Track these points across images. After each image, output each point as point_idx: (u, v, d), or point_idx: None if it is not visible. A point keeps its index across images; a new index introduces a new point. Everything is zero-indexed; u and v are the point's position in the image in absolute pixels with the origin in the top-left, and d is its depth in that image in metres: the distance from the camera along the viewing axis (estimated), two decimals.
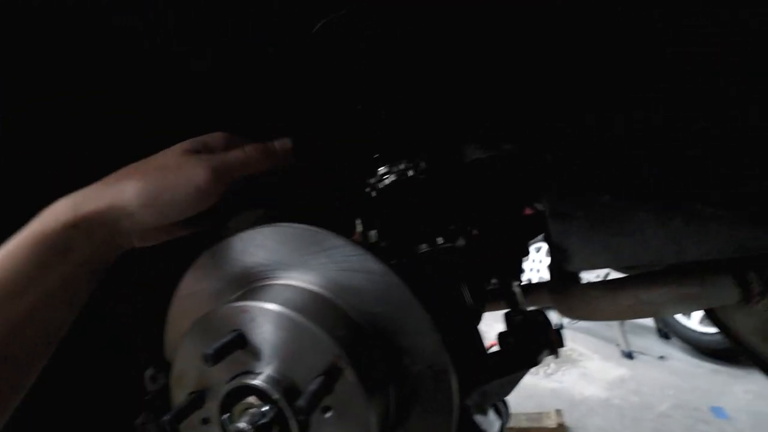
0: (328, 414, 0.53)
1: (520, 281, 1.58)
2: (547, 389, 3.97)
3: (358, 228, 0.83)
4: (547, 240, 0.92)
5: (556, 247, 0.84)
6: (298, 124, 0.90)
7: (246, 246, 0.62)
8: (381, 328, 0.57)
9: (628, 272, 1.29)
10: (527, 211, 1.45)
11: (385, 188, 0.88)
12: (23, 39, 0.71)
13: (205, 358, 0.50)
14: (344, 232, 0.65)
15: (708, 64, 0.63)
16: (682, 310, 0.88)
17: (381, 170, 0.88)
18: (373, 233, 0.80)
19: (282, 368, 0.54)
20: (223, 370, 0.57)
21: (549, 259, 1.10)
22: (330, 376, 0.52)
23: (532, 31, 0.68)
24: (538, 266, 4.97)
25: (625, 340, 4.24)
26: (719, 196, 0.67)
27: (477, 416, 0.72)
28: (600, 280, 1.03)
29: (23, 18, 0.69)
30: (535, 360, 0.76)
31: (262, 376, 0.55)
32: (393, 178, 0.87)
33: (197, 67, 0.84)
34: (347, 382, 0.52)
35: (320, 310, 0.56)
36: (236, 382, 0.55)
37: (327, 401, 0.53)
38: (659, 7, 0.58)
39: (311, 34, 0.85)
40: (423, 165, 0.91)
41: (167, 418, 0.56)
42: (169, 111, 0.89)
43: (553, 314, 1.02)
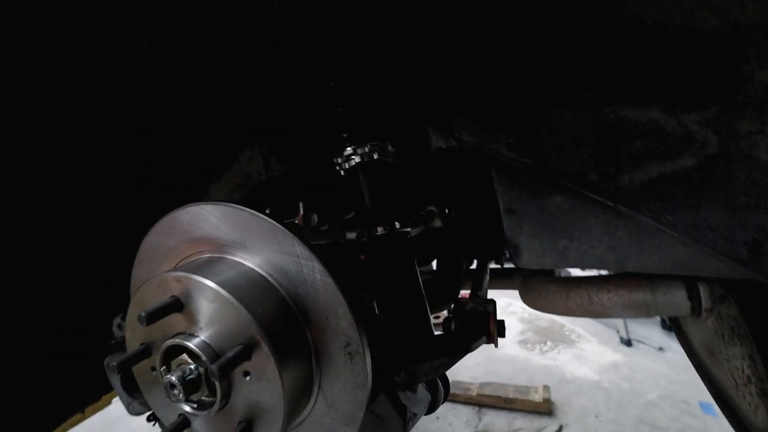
0: (248, 378, 0.60)
1: (501, 264, 1.61)
2: (539, 365, 4.06)
3: (302, 211, 0.87)
4: (505, 233, 0.93)
5: (509, 242, 0.86)
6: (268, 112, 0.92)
7: (192, 218, 0.67)
8: (304, 307, 0.62)
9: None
10: None
11: (351, 168, 0.90)
12: (23, 39, 0.72)
13: (139, 319, 0.57)
14: (288, 214, 0.69)
15: None
16: (631, 315, 0.89)
17: (348, 150, 0.90)
18: (314, 216, 0.84)
19: (213, 335, 0.61)
20: (165, 327, 0.64)
21: None
22: (248, 347, 0.58)
23: (490, 26, 0.66)
24: None
25: (626, 327, 4.23)
26: (672, 217, 0.66)
27: (405, 392, 0.78)
28: (564, 276, 1.04)
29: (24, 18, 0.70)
30: (469, 347, 0.80)
31: (195, 340, 0.61)
32: (358, 159, 0.89)
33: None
34: (263, 352, 0.58)
35: (248, 287, 0.61)
36: (173, 341, 0.62)
37: (247, 367, 0.59)
38: None
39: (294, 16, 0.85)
40: (390, 149, 0.92)
41: (117, 363, 0.64)
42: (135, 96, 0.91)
43: None
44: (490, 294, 1.19)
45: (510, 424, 3.28)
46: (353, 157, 0.91)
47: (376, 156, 0.90)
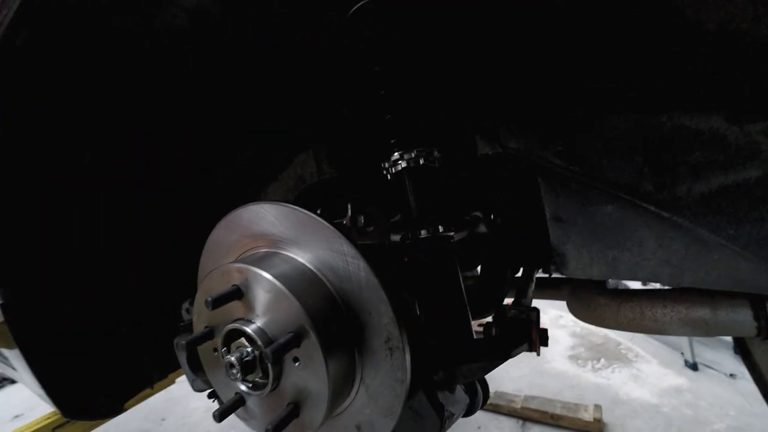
0: (297, 363, 0.65)
1: (548, 274, 1.57)
2: (590, 383, 3.84)
3: (350, 212, 0.91)
4: (551, 242, 0.92)
5: (555, 251, 0.85)
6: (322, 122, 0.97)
7: (252, 216, 0.74)
8: (349, 303, 0.67)
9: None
10: None
11: (398, 173, 0.94)
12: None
13: (205, 304, 0.65)
14: (338, 215, 0.73)
15: None
16: (687, 333, 0.83)
17: (395, 156, 0.93)
18: (361, 218, 0.88)
19: (267, 322, 0.67)
20: (227, 313, 0.71)
21: None
22: (297, 335, 0.63)
23: (539, 33, 0.66)
24: None
25: (692, 349, 3.87)
26: (734, 231, 0.63)
27: (443, 392, 0.79)
28: (614, 288, 1.00)
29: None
30: (509, 353, 0.80)
31: (252, 325, 0.68)
32: (404, 164, 0.92)
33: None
34: (311, 341, 0.63)
35: (300, 280, 0.67)
36: (233, 325, 0.70)
37: (296, 353, 0.65)
38: None
39: (344, 20, 0.91)
40: (437, 154, 0.94)
41: (185, 342, 0.72)
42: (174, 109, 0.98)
43: None
44: (537, 304, 1.17)
45: None
46: (400, 162, 0.94)
47: (422, 161, 0.93)
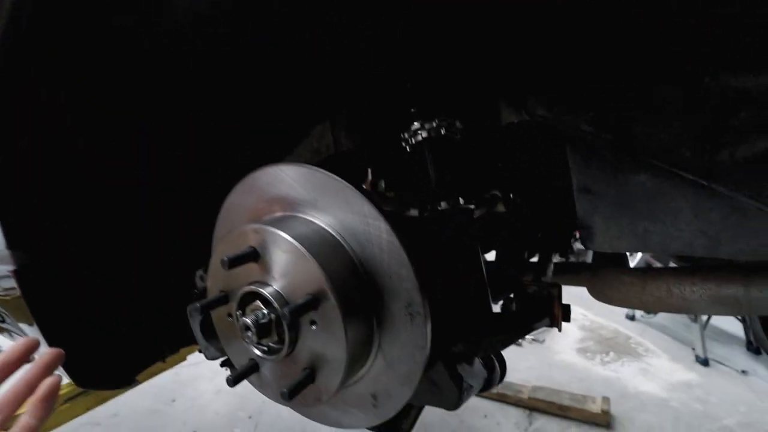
0: (314, 327, 0.63)
1: (566, 258, 1.53)
2: (599, 376, 3.81)
3: (370, 176, 0.88)
4: (577, 214, 0.88)
5: (581, 223, 0.81)
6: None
7: (270, 179, 0.72)
8: (369, 266, 0.64)
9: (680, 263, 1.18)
10: None
11: (418, 143, 0.91)
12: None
13: (222, 263, 0.63)
14: (356, 180, 0.71)
15: None
16: (718, 312, 0.80)
17: (415, 126, 0.91)
18: (381, 182, 0.85)
19: (284, 284, 0.65)
20: (242, 276, 0.70)
21: None
22: (316, 297, 0.61)
23: None
24: None
25: (703, 344, 3.81)
26: None
27: (461, 364, 0.77)
28: (638, 266, 0.97)
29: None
30: (530, 327, 0.78)
31: (269, 288, 0.66)
32: (425, 134, 0.89)
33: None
34: (330, 304, 0.61)
35: (319, 242, 0.64)
36: (249, 288, 0.68)
37: (314, 316, 0.63)
38: None
39: None
40: (458, 125, 0.91)
41: (199, 305, 0.71)
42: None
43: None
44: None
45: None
46: (420, 132, 0.91)
47: (443, 131, 0.90)
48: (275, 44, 0.92)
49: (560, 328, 0.84)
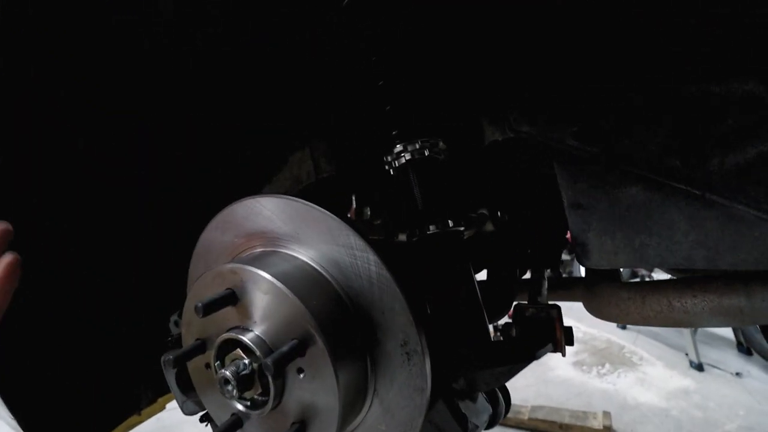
0: (302, 375, 0.57)
1: (558, 274, 1.51)
2: (597, 389, 3.76)
3: (354, 204, 0.84)
4: (570, 231, 0.86)
5: (574, 240, 0.79)
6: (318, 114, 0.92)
7: (247, 212, 0.67)
8: (359, 302, 0.59)
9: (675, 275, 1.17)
10: None
11: (401, 166, 0.88)
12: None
13: (195, 309, 0.57)
14: (340, 208, 0.67)
15: None
16: (719, 323, 0.78)
17: (397, 148, 0.88)
18: (367, 210, 0.81)
19: (266, 329, 0.59)
20: (220, 321, 0.63)
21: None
22: (302, 342, 0.55)
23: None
24: None
25: (696, 350, 3.82)
26: None
27: (464, 401, 0.72)
28: (634, 281, 0.95)
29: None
30: (534, 355, 0.73)
31: (250, 334, 0.60)
32: (408, 156, 0.86)
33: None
34: (318, 348, 0.55)
35: (302, 279, 0.59)
36: (227, 335, 0.61)
37: (301, 363, 0.57)
38: None
39: (340, 8, 0.86)
40: (441, 145, 0.89)
41: (173, 357, 0.64)
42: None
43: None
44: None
45: None
46: (403, 154, 0.88)
47: (426, 153, 0.87)
48: (255, 67, 0.89)
49: (564, 353, 0.80)
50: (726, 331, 4.26)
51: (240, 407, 0.62)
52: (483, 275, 1.35)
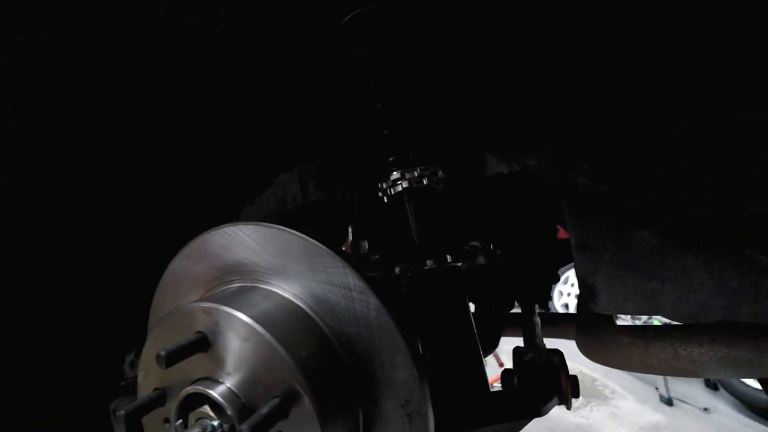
0: None
1: (546, 309, 1.46)
2: (571, 424, 3.71)
3: (351, 236, 0.77)
4: (576, 272, 0.81)
5: (581, 282, 0.74)
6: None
7: (227, 241, 0.58)
8: (354, 352, 0.51)
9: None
10: (562, 234, 1.33)
11: (397, 194, 0.82)
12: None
13: (157, 359, 0.47)
14: (334, 240, 0.59)
15: None
16: (727, 375, 0.74)
17: (394, 175, 0.82)
18: (365, 243, 0.74)
19: (241, 382, 0.50)
20: (186, 370, 0.54)
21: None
22: (286, 400, 0.46)
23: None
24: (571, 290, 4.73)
25: (666, 384, 3.87)
26: None
27: None
28: (633, 324, 0.90)
29: None
30: (539, 410, 0.66)
31: (220, 388, 0.50)
32: (405, 184, 0.80)
33: None
34: (304, 408, 0.46)
35: (288, 323, 0.51)
36: (194, 388, 0.51)
37: (282, 426, 0.48)
38: None
39: (339, 28, 0.81)
40: (441, 174, 0.83)
41: (125, 412, 0.53)
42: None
43: None
44: (516, 341, 1.05)
45: None
46: (400, 182, 0.82)
47: (425, 181, 0.82)
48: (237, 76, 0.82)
49: (570, 407, 0.74)
50: None
51: None
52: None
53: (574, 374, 0.74)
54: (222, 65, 0.78)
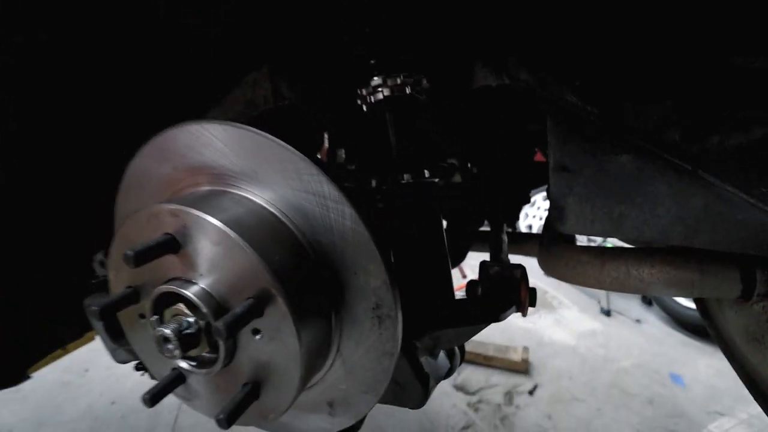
0: (258, 336, 0.50)
1: (513, 228, 1.53)
2: (519, 327, 4.17)
3: (327, 144, 0.74)
4: (547, 193, 0.83)
5: (553, 203, 0.75)
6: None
7: (192, 141, 0.54)
8: (328, 259, 0.52)
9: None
10: (539, 157, 1.33)
11: (377, 102, 0.77)
12: None
13: (125, 259, 0.46)
14: (309, 146, 0.56)
15: None
16: (672, 293, 0.82)
17: (375, 81, 0.76)
18: (341, 152, 0.71)
19: (215, 283, 0.50)
20: (158, 269, 0.53)
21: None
22: (260, 301, 0.48)
23: None
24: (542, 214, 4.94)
25: (607, 298, 4.33)
26: None
27: (426, 358, 0.70)
28: (591, 245, 0.96)
29: None
30: (498, 317, 0.72)
31: (194, 287, 0.51)
32: (387, 92, 0.75)
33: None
34: (278, 309, 0.48)
35: (261, 229, 0.50)
36: (167, 287, 0.52)
37: (257, 324, 0.50)
38: None
39: None
40: (425, 83, 0.78)
41: (98, 308, 0.53)
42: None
43: None
44: (484, 256, 1.11)
45: (487, 380, 3.39)
46: (381, 89, 0.77)
47: (408, 90, 0.77)
48: None
49: (526, 314, 0.81)
50: None
51: (183, 365, 0.55)
52: None
53: (533, 287, 0.79)
54: None
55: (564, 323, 4.28)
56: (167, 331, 0.49)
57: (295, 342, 0.48)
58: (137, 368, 0.72)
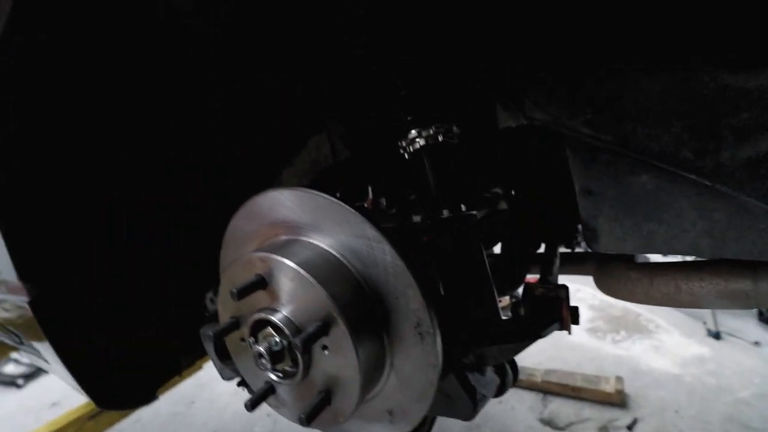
0: (326, 351, 0.64)
1: (572, 248, 1.53)
2: (610, 355, 3.83)
3: (371, 194, 0.88)
4: (580, 217, 0.88)
5: (584, 225, 0.81)
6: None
7: (271, 203, 0.72)
8: (376, 288, 0.65)
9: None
10: None
11: (416, 151, 0.91)
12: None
13: (231, 295, 0.64)
14: (358, 198, 0.71)
15: None
16: (726, 306, 0.80)
17: (412, 134, 0.90)
18: (382, 200, 0.85)
19: (293, 311, 0.66)
20: (252, 303, 0.71)
21: None
22: (326, 323, 0.62)
23: None
24: None
25: (714, 318, 3.81)
26: None
27: (473, 374, 0.78)
28: (643, 261, 0.97)
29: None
30: (539, 334, 0.78)
31: (278, 315, 0.67)
32: (422, 142, 0.89)
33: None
34: (340, 329, 0.62)
35: (324, 267, 0.65)
36: (259, 315, 0.69)
37: (325, 341, 0.64)
38: None
39: None
40: (455, 129, 0.90)
41: (212, 333, 0.72)
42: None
43: None
44: (561, 279, 1.14)
45: (578, 413, 3.14)
46: (417, 139, 0.91)
47: (440, 138, 0.90)
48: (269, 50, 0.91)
49: (570, 332, 0.85)
50: None
51: (273, 377, 0.71)
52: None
53: (575, 305, 0.84)
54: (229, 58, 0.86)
55: (664, 349, 3.84)
56: (261, 349, 0.66)
57: (354, 353, 0.61)
58: (239, 384, 0.90)
